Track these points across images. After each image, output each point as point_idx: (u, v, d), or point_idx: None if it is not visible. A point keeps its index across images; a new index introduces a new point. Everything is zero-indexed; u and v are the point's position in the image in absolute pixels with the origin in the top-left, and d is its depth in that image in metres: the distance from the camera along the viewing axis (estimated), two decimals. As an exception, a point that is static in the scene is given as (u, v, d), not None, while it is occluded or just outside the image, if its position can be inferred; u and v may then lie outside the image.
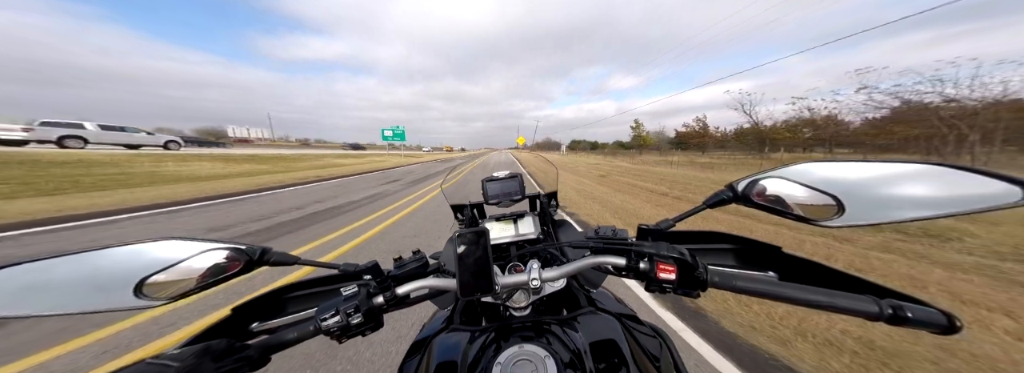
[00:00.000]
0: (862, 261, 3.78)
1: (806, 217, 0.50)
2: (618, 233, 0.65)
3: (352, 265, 0.62)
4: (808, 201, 0.49)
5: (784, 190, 0.51)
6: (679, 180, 13.69)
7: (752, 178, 0.55)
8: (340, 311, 0.53)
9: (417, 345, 0.70)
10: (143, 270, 0.47)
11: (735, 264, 0.68)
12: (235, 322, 0.63)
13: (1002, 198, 0.38)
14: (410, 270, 0.66)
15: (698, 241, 0.70)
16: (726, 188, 0.57)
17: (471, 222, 1.17)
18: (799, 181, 0.50)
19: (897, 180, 0.44)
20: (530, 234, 0.98)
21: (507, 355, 0.52)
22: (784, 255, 0.60)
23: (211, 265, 0.50)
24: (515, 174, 1.16)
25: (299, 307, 0.71)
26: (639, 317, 0.76)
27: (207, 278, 0.50)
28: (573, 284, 0.82)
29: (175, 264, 0.48)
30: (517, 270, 0.76)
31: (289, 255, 0.56)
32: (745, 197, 0.55)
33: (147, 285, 0.47)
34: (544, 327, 0.62)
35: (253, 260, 0.54)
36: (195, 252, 0.50)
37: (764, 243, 0.63)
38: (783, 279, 0.58)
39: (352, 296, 0.56)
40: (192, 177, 11.70)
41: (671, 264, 0.51)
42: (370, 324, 0.56)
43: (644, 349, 0.61)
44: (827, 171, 0.48)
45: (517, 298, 0.69)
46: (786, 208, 0.51)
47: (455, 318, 0.77)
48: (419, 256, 0.70)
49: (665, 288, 0.52)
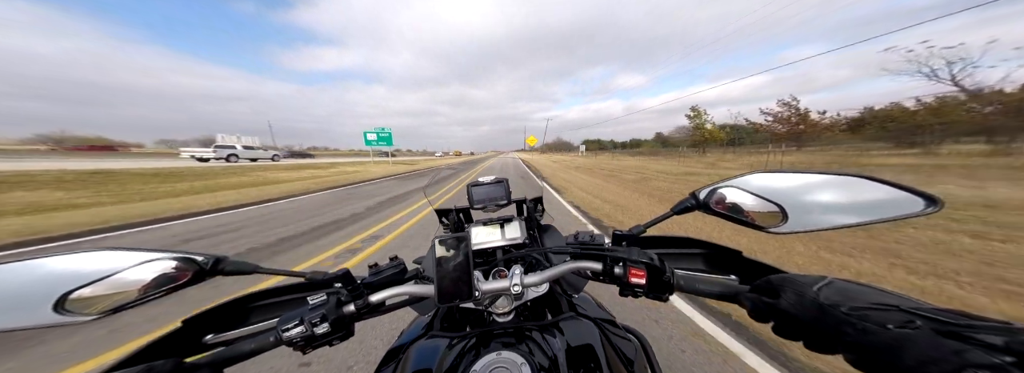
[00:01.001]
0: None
1: (758, 224, 0.54)
2: (596, 238, 0.67)
3: (320, 273, 0.60)
4: (758, 209, 0.53)
5: (739, 199, 0.54)
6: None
7: (712, 187, 0.58)
8: (305, 321, 0.51)
9: (393, 352, 0.70)
10: (66, 284, 0.42)
11: (703, 268, 0.69)
12: (185, 335, 0.58)
13: (909, 207, 0.43)
14: (386, 277, 0.65)
15: (669, 246, 0.71)
16: (690, 196, 0.60)
17: (457, 227, 1.18)
18: (750, 190, 0.53)
19: (828, 189, 0.49)
20: (516, 239, 1.00)
21: (484, 362, 0.51)
22: (744, 259, 0.62)
23: (156, 276, 0.47)
24: (500, 179, 1.17)
25: (263, 317, 0.67)
26: (617, 322, 0.78)
27: (151, 289, 0.47)
28: (556, 289, 0.84)
29: (106, 276, 0.44)
30: (501, 275, 0.75)
31: (247, 264, 0.55)
32: (705, 205, 0.58)
33: (71, 300, 0.43)
34: (524, 333, 0.60)
35: (205, 270, 0.51)
36: (134, 263, 0.46)
37: (726, 248, 0.65)
38: (743, 282, 0.58)
39: (319, 305, 0.54)
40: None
41: (641, 269, 0.52)
42: (338, 333, 0.54)
43: (620, 353, 0.63)
44: (772, 181, 0.53)
45: (500, 303, 0.68)
46: (741, 216, 0.55)
47: (435, 324, 0.79)
48: (396, 262, 0.68)
49: (636, 292, 0.54)
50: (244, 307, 0.66)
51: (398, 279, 0.66)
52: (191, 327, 0.58)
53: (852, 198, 0.47)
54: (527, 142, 46.81)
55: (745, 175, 0.56)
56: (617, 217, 5.97)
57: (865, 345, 0.30)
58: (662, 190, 9.65)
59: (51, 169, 14.17)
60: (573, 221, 6.07)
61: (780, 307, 0.38)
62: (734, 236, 4.34)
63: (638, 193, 9.20)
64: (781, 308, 0.38)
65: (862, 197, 0.46)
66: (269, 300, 0.68)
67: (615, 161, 36.96)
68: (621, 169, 20.59)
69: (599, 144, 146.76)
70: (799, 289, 0.38)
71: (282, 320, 0.51)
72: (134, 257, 0.46)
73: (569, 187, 10.84)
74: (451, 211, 1.21)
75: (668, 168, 20.56)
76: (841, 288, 0.36)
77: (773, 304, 0.39)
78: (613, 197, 8.45)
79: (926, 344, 0.26)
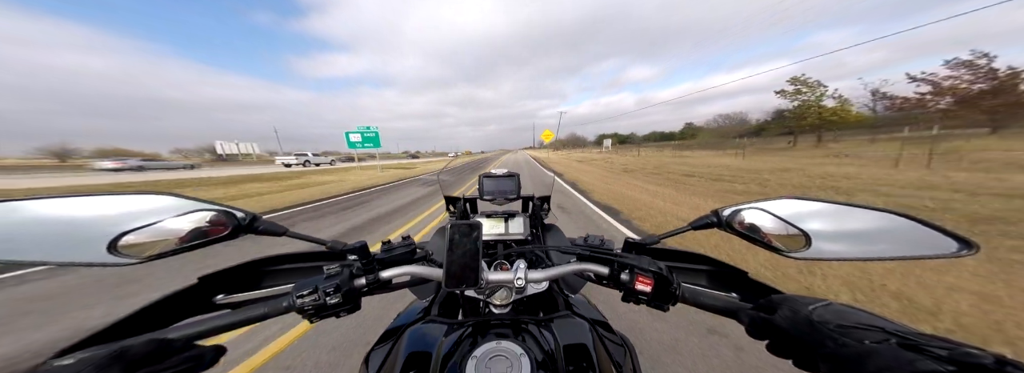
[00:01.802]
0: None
1: (776, 247, 0.54)
2: (606, 243, 0.69)
3: (340, 243, 0.61)
4: (780, 232, 0.54)
5: (760, 221, 0.55)
6: None
7: (737, 207, 0.58)
8: (319, 289, 0.51)
9: (389, 333, 0.71)
10: (121, 225, 0.44)
11: (705, 283, 0.71)
12: (199, 292, 0.60)
13: (941, 248, 0.45)
14: (397, 255, 0.65)
15: (677, 259, 0.73)
16: (711, 213, 0.60)
17: (462, 216, 1.21)
18: (776, 214, 0.54)
19: (859, 222, 0.50)
20: (519, 234, 1.06)
21: (483, 350, 0.52)
22: (749, 280, 0.63)
23: (194, 227, 0.49)
24: (512, 173, 1.20)
25: (275, 282, 0.69)
26: (611, 326, 0.78)
27: (188, 240, 0.48)
28: (553, 287, 0.88)
29: (156, 222, 0.46)
30: (502, 268, 0.74)
31: (278, 225, 0.56)
32: (727, 224, 0.58)
33: (123, 241, 0.44)
34: (521, 326, 0.61)
35: (241, 226, 0.52)
36: (180, 211, 0.48)
37: (733, 267, 0.66)
38: (743, 300, 0.58)
39: (334, 275, 0.54)
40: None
41: (649, 278, 0.53)
42: (347, 305, 0.54)
43: (611, 356, 0.62)
44: (802, 208, 0.53)
45: (498, 295, 0.69)
46: (760, 237, 0.55)
47: (433, 309, 0.82)
48: (408, 242, 0.69)
49: (640, 299, 0.55)
50: (258, 271, 0.68)
51: (408, 258, 0.66)
52: (206, 285, 0.60)
53: (882, 233, 0.48)
54: (541, 137, 37.22)
55: (774, 199, 0.56)
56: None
57: (838, 356, 0.33)
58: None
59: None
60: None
61: (775, 323, 0.40)
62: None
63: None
64: (776, 324, 0.40)
65: (893, 233, 0.48)
66: (283, 265, 0.70)
67: (676, 158, 26.12)
68: (736, 175, 11.97)
69: (619, 138, 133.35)
70: (795, 307, 0.40)
71: (298, 286, 0.51)
72: (180, 204, 0.48)
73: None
74: (460, 199, 1.27)
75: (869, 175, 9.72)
76: (837, 310, 0.38)
77: (769, 320, 0.41)
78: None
79: (888, 355, 0.30)
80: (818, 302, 0.39)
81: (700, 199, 7.39)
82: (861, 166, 12.83)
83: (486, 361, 0.50)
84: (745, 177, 11.26)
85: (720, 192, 8.42)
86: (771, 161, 17.99)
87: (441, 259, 0.57)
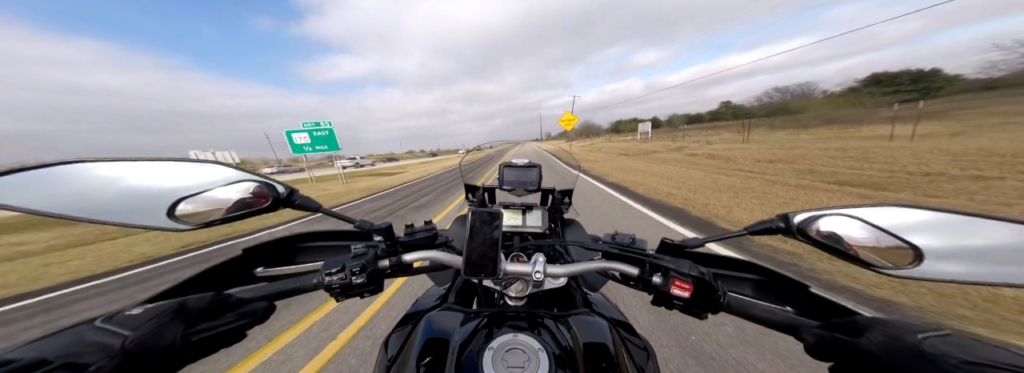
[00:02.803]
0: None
1: (869, 262, 0.46)
2: (637, 242, 0.64)
3: (368, 223, 0.61)
4: (877, 245, 0.45)
5: (848, 230, 0.47)
6: None
7: (815, 212, 0.50)
8: (346, 268, 0.52)
9: (407, 318, 0.72)
10: (179, 191, 0.46)
11: (751, 294, 0.65)
12: (243, 263, 0.63)
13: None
14: (419, 239, 0.64)
15: (719, 265, 0.68)
16: (777, 217, 0.53)
17: (481, 205, 1.21)
18: (875, 223, 0.46)
19: (993, 238, 0.40)
20: (537, 228, 1.05)
21: (499, 342, 0.51)
22: (811, 294, 0.57)
23: (240, 197, 0.50)
24: (534, 164, 1.16)
25: (306, 258, 0.71)
26: (633, 327, 0.74)
27: (233, 211, 0.50)
28: (572, 284, 0.85)
29: (209, 190, 0.48)
30: (519, 260, 0.72)
31: (313, 201, 0.57)
32: (800, 230, 0.51)
33: (180, 208, 0.46)
34: (537, 320, 0.60)
35: (280, 199, 0.54)
36: (230, 179, 0.50)
37: (791, 278, 0.60)
38: (801, 315, 0.55)
39: (360, 255, 0.55)
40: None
41: (689, 282, 0.51)
42: (370, 286, 0.55)
43: (633, 359, 0.60)
44: (911, 217, 0.44)
45: (514, 287, 0.68)
46: (845, 248, 0.47)
47: (450, 296, 0.82)
48: (430, 226, 0.68)
49: (674, 304, 0.53)
50: (292, 246, 0.71)
51: (429, 243, 0.65)
52: (248, 257, 0.63)
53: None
54: (560, 124, 24.62)
55: (871, 206, 0.47)
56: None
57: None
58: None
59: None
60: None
61: (860, 347, 0.37)
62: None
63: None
64: (861, 348, 0.36)
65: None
66: (314, 243, 0.72)
67: (824, 143, 15.64)
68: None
69: (635, 124, 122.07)
70: (896, 333, 0.35)
71: (327, 264, 0.53)
72: (228, 174, 0.50)
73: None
74: (479, 189, 1.27)
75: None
76: (962, 344, 0.32)
77: (850, 343, 0.38)
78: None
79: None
80: (932, 330, 0.34)
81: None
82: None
83: (502, 353, 0.49)
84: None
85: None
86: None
87: (460, 247, 0.57)
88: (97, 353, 0.30)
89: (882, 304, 2.33)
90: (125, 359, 0.31)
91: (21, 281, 4.58)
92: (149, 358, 0.33)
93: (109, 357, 0.30)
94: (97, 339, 0.31)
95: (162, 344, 0.34)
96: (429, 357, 0.52)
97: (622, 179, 9.15)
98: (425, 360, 0.52)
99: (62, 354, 0.29)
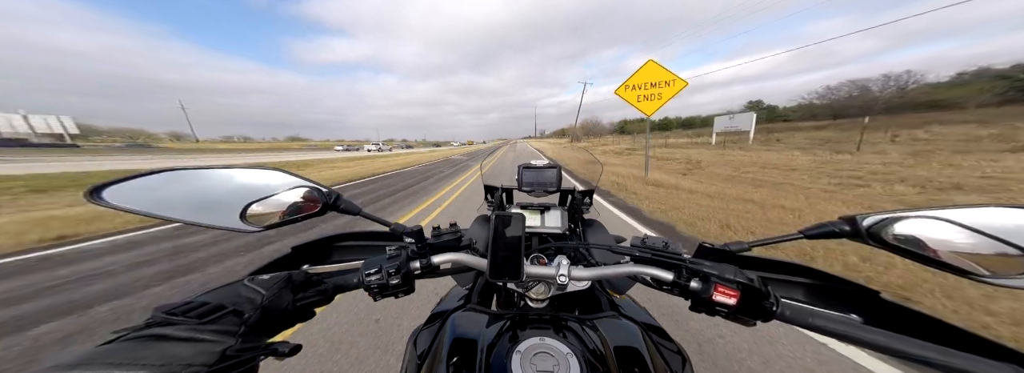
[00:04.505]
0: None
1: (965, 269, 0.40)
2: (670, 246, 0.62)
3: (401, 226, 0.62)
4: (976, 251, 0.40)
5: (936, 234, 0.41)
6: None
7: (889, 215, 0.45)
8: (383, 269, 0.54)
9: (434, 317, 0.73)
10: (249, 196, 0.51)
11: (804, 299, 0.60)
12: (292, 261, 0.67)
13: None
14: (445, 241, 0.66)
15: (765, 268, 0.63)
16: (841, 220, 0.48)
17: (499, 206, 1.21)
18: (973, 227, 0.40)
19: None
20: (556, 229, 1.00)
21: (527, 345, 0.50)
22: (881, 301, 0.51)
23: (295, 201, 0.54)
24: (554, 164, 1.16)
25: (344, 257, 0.75)
26: (666, 332, 0.70)
27: (287, 215, 0.54)
28: (597, 287, 0.83)
29: (273, 194, 0.52)
30: (540, 262, 0.74)
31: (354, 205, 0.60)
32: (870, 234, 0.45)
33: (250, 211, 0.51)
34: (563, 323, 0.59)
35: (328, 203, 0.57)
36: (289, 185, 0.54)
37: (860, 284, 0.54)
38: (869, 323, 0.51)
39: (395, 256, 0.57)
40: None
41: (735, 289, 0.48)
42: (404, 287, 0.56)
43: (669, 365, 0.58)
44: (1018, 219, 0.39)
45: (536, 290, 0.68)
46: (929, 253, 0.42)
47: (473, 297, 0.82)
48: (455, 229, 0.70)
49: (717, 311, 0.50)
50: (331, 246, 0.75)
51: (454, 246, 0.66)
52: (297, 254, 0.68)
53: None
54: (636, 104, 8.48)
55: (975, 207, 0.41)
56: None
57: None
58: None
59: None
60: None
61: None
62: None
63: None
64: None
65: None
66: (351, 242, 0.76)
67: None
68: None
69: (644, 125, 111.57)
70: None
71: (367, 264, 0.55)
72: (288, 180, 0.54)
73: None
74: (498, 189, 1.24)
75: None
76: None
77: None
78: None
79: None
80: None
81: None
82: None
83: (530, 357, 0.48)
84: None
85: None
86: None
87: (483, 249, 0.60)
88: (247, 304, 0.41)
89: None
90: (263, 312, 0.41)
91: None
92: (274, 312, 0.43)
93: (255, 308, 0.40)
94: (247, 294, 0.42)
95: (282, 304, 0.45)
96: (457, 356, 0.52)
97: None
98: (453, 359, 0.52)
99: (230, 302, 0.40)
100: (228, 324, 0.37)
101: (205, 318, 0.36)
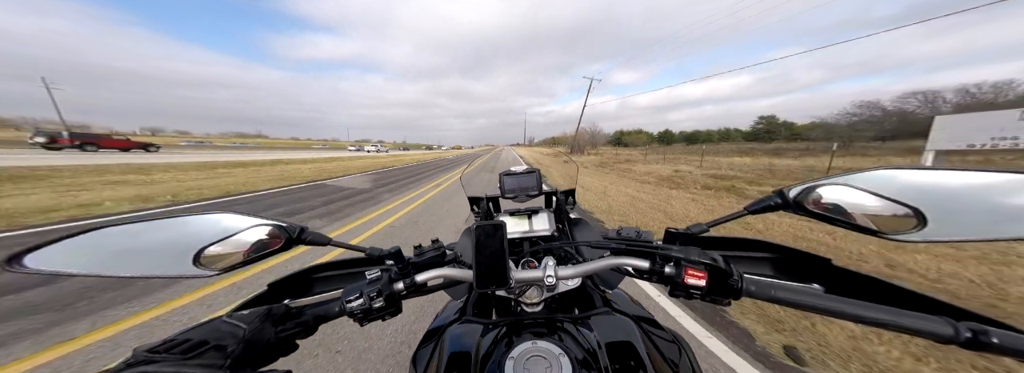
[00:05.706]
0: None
1: (874, 229, 0.45)
2: (642, 235, 0.64)
3: (377, 250, 0.63)
4: (879, 212, 0.45)
5: (847, 199, 0.47)
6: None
7: (808, 185, 0.50)
8: (364, 294, 0.54)
9: (430, 334, 0.72)
10: (202, 240, 0.49)
11: (771, 274, 0.64)
12: (270, 298, 0.66)
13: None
14: (428, 258, 0.65)
15: (731, 248, 0.67)
16: (774, 193, 0.53)
17: (486, 215, 1.22)
18: (870, 190, 0.45)
19: (997, 192, 0.39)
20: (544, 231, 1.03)
21: (520, 350, 0.51)
22: (834, 268, 0.56)
23: (256, 240, 0.53)
24: (532, 169, 1.19)
25: (325, 287, 0.74)
26: (658, 321, 0.72)
27: (251, 253, 0.53)
28: (588, 284, 0.83)
29: (229, 236, 0.51)
30: (531, 266, 0.75)
31: (323, 236, 0.59)
32: (797, 204, 0.50)
33: (204, 255, 0.49)
34: (557, 325, 0.60)
35: (292, 238, 0.56)
36: (245, 226, 0.52)
37: (811, 254, 0.59)
38: (829, 293, 0.53)
39: (375, 280, 0.57)
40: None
41: (702, 270, 0.50)
42: (390, 309, 0.57)
43: (662, 353, 0.59)
44: (909, 179, 0.44)
45: (530, 294, 0.68)
46: (847, 218, 0.47)
47: (468, 309, 0.81)
48: (437, 245, 0.69)
49: (693, 294, 0.51)
50: (309, 278, 0.74)
51: (438, 261, 0.66)
52: (274, 291, 0.67)
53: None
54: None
55: (864, 171, 0.46)
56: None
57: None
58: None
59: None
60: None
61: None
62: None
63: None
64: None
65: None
66: (330, 272, 0.75)
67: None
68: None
69: (648, 137, 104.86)
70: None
71: (346, 292, 0.55)
72: (244, 221, 0.53)
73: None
74: (482, 199, 1.24)
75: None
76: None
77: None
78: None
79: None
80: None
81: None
82: None
83: (523, 362, 0.49)
84: None
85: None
86: None
87: (470, 261, 0.58)
88: (229, 338, 0.41)
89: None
90: (246, 345, 0.42)
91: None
92: (257, 345, 0.44)
93: (237, 342, 0.41)
94: (228, 329, 0.43)
95: (264, 337, 0.45)
96: (454, 371, 0.52)
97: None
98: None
99: (212, 337, 0.40)
100: (213, 358, 0.37)
101: (189, 354, 0.37)
